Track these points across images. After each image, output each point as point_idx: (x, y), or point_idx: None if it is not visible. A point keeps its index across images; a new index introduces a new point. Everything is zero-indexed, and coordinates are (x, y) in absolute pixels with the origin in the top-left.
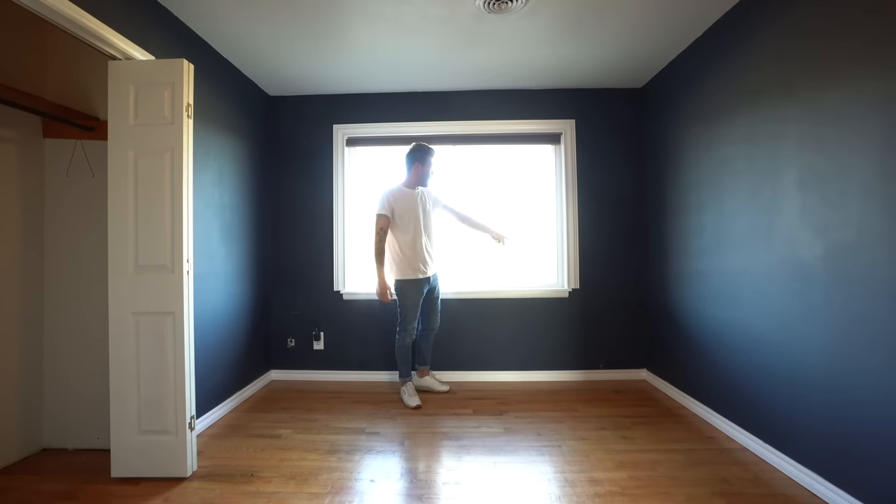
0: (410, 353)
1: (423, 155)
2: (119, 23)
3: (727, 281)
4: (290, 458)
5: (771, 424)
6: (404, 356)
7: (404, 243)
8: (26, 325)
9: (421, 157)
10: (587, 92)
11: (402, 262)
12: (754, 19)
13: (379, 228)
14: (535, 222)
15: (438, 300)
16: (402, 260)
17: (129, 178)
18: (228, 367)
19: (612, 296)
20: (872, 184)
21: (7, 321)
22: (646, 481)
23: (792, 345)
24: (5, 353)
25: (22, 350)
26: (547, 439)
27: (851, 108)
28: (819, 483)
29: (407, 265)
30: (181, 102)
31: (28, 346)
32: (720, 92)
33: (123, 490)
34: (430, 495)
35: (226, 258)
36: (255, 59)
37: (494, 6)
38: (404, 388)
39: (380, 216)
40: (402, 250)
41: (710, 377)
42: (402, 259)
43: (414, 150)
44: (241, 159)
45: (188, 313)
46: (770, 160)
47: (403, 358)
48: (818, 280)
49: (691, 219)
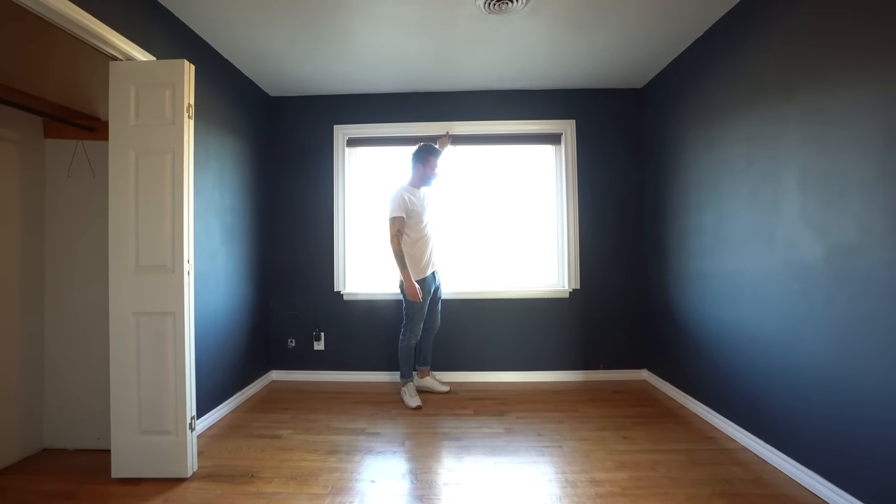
0: (413, 353)
1: (426, 155)
2: (120, 23)
3: (727, 281)
4: (291, 459)
5: (771, 425)
6: (407, 356)
7: (413, 242)
8: (27, 325)
9: (424, 157)
10: (587, 92)
11: (410, 262)
12: (755, 20)
13: (396, 231)
14: (536, 222)
15: (439, 301)
16: (411, 260)
17: (129, 179)
18: (229, 368)
19: (613, 296)
20: (873, 184)
21: (8, 321)
22: (646, 482)
23: (793, 345)
24: (6, 354)
25: (23, 351)
26: (548, 440)
27: (852, 108)
28: (820, 483)
29: (415, 265)
30: (182, 103)
31: (29, 346)
32: (720, 92)
33: (124, 490)
34: (430, 496)
35: (226, 258)
36: (255, 60)
37: (495, 7)
38: (405, 388)
39: (395, 219)
40: (411, 250)
41: (710, 377)
42: (410, 259)
43: (418, 150)
44: (241, 160)
45: (189, 313)
46: (770, 160)
47: (406, 358)
48: (819, 281)
49: (691, 219)
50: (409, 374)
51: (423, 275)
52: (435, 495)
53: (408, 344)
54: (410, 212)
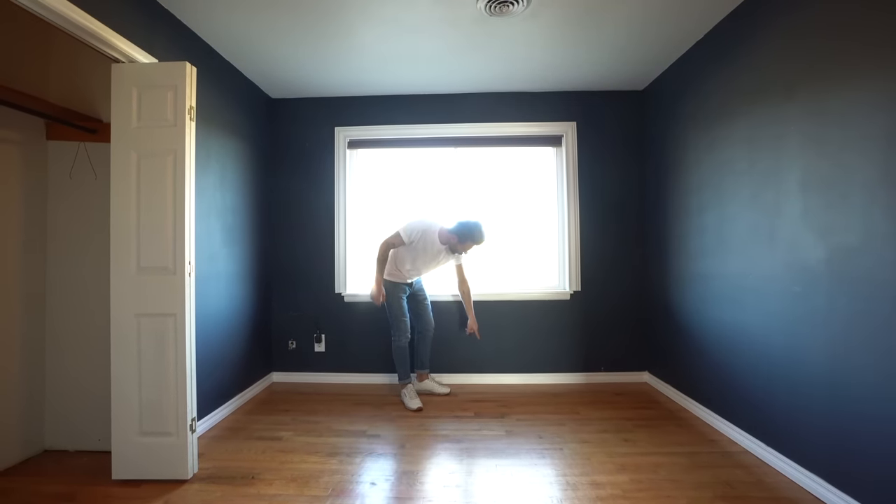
0: (408, 354)
1: (465, 237)
2: (122, 26)
3: (729, 283)
4: (291, 461)
5: (773, 427)
6: (401, 358)
7: (401, 263)
8: (28, 326)
9: (462, 237)
10: (588, 94)
11: (390, 267)
12: (755, 21)
13: (390, 243)
14: (537, 224)
15: (426, 301)
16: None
17: (131, 180)
18: (230, 369)
19: (614, 298)
20: (876, 186)
21: (9, 322)
22: (648, 484)
23: (795, 348)
24: (7, 354)
25: (24, 351)
26: (548, 442)
27: (855, 108)
28: (822, 486)
29: (394, 270)
30: (184, 105)
31: (30, 347)
32: (721, 94)
33: (124, 492)
34: (431, 498)
35: (227, 260)
36: (256, 62)
37: (496, 9)
38: (404, 390)
39: (397, 235)
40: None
41: (712, 380)
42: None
43: (463, 230)
44: (242, 161)
45: (190, 315)
46: (772, 161)
47: (401, 360)
48: (821, 283)
49: (693, 221)
50: (406, 375)
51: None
52: (435, 497)
53: (399, 344)
54: (416, 246)
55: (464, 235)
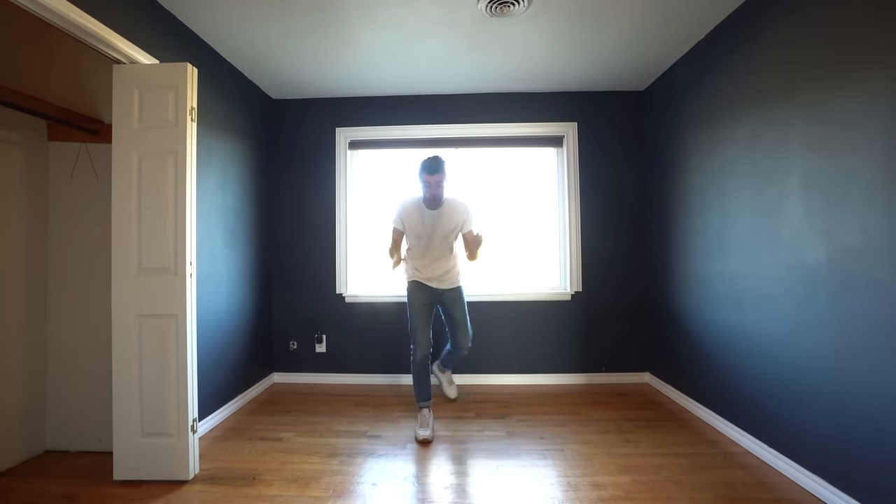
0: (426, 374)
1: (418, 175)
2: (123, 27)
3: (731, 284)
4: (292, 462)
5: (775, 429)
6: (418, 376)
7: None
8: (29, 327)
9: (418, 177)
10: (589, 95)
11: (407, 263)
12: (757, 21)
13: (393, 239)
14: (538, 225)
15: (459, 315)
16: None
17: (132, 181)
18: (231, 370)
19: (615, 299)
20: (878, 187)
21: (10, 323)
22: (649, 485)
23: (797, 349)
24: (8, 355)
25: (25, 352)
26: (550, 443)
27: (857, 109)
28: (824, 487)
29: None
30: (185, 106)
31: (31, 348)
32: (723, 94)
33: (125, 493)
34: (432, 499)
35: (228, 260)
36: (258, 63)
37: (497, 10)
38: (419, 415)
39: (392, 229)
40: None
41: (713, 380)
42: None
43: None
44: (244, 162)
45: (191, 316)
46: (773, 162)
47: (418, 378)
48: (823, 284)
49: (694, 221)
50: (423, 398)
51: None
52: (436, 498)
53: (415, 359)
54: (406, 224)
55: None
